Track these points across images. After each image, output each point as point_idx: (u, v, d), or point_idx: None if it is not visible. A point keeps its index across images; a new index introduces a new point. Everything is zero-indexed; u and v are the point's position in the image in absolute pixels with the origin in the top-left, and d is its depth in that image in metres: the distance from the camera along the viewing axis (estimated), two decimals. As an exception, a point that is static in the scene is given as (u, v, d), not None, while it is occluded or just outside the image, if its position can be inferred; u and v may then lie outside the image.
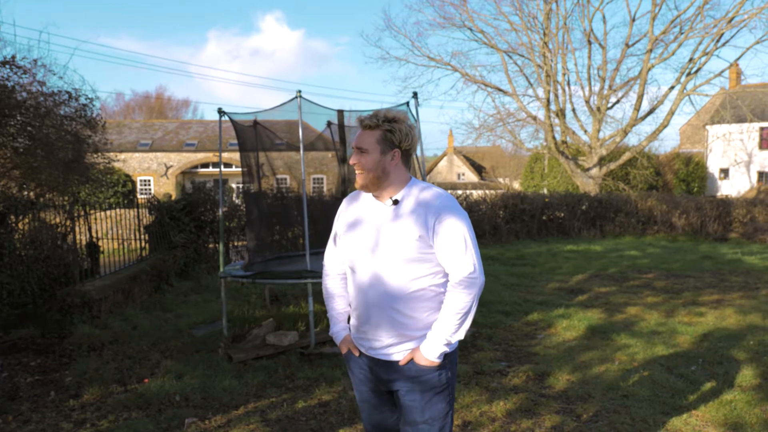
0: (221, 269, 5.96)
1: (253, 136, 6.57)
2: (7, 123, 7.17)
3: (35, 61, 7.28)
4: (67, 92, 7.59)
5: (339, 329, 2.29)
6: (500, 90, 22.64)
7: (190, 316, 6.56)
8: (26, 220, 7.82)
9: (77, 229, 8.83)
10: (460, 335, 2.05)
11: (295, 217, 7.15)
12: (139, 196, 29.76)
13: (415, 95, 5.61)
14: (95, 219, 9.69)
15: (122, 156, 28.74)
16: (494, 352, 5.25)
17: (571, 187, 24.27)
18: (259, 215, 6.22)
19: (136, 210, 9.20)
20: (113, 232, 9.68)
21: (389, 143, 2.05)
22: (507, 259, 10.95)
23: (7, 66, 7.00)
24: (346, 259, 2.18)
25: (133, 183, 30.78)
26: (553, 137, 21.87)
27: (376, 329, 2.09)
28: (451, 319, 2.00)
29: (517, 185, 35.44)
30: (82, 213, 9.15)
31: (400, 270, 2.01)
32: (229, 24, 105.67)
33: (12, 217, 7.49)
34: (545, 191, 24.43)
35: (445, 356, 2.06)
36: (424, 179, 5.96)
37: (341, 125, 6.09)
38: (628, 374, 4.59)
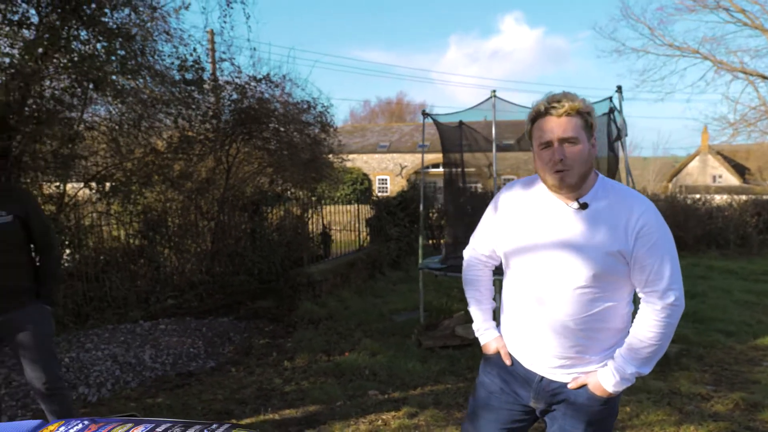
0: (420, 261, 6.38)
1: (458, 136, 6.86)
2: (264, 129, 8.64)
3: (284, 76, 8.65)
4: (307, 102, 8.83)
5: (487, 326, 2.02)
6: (766, 78, 19.33)
7: (394, 303, 7.13)
8: (274, 211, 9.33)
9: (313, 219, 10.19)
10: (650, 367, 1.76)
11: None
12: (377, 193, 32.48)
13: (619, 89, 5.28)
14: (328, 212, 11.07)
15: (353, 156, 31.58)
16: (701, 374, 4.70)
17: None
18: (456, 212, 6.48)
19: (360, 205, 10.26)
20: (344, 224, 10.93)
21: (590, 130, 1.72)
22: (749, 273, 9.44)
23: (263, 82, 8.43)
24: (513, 267, 1.87)
25: (370, 181, 33.70)
26: (841, 132, 17.93)
27: (545, 348, 1.80)
28: (642, 351, 1.71)
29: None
30: (318, 206, 10.51)
31: (588, 289, 1.70)
32: (469, 28, 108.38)
33: (264, 207, 9.01)
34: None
35: None
36: (628, 183, 5.55)
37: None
38: None
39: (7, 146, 5.31)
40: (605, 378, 1.75)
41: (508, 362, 1.91)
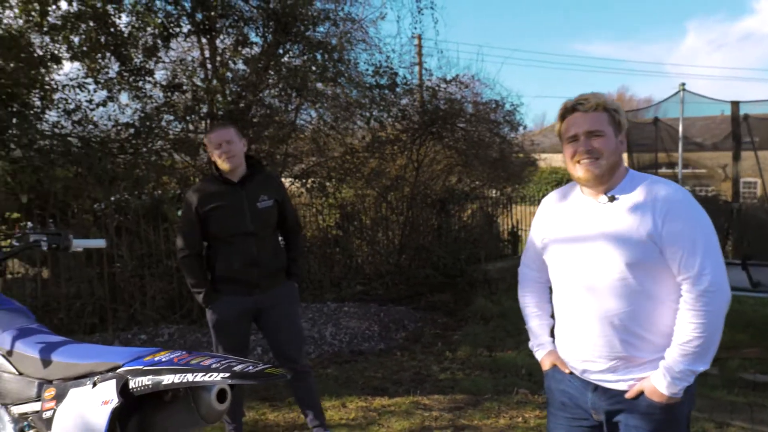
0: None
1: (652, 134, 6.36)
2: (454, 129, 8.95)
3: (472, 76, 8.86)
4: (495, 101, 8.91)
5: (542, 342, 2.05)
6: None
7: (573, 308, 6.85)
8: (464, 209, 9.59)
9: (503, 218, 10.22)
10: (704, 364, 1.67)
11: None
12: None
13: None
14: (527, 212, 10.97)
15: (560, 156, 30.13)
16: None
17: None
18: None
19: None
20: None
21: (618, 126, 1.77)
22: None
23: (453, 83, 8.73)
24: (554, 269, 1.91)
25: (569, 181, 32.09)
26: None
27: (594, 350, 1.78)
28: (688, 346, 1.64)
29: None
30: (508, 205, 10.50)
31: (626, 281, 1.69)
32: (712, 11, 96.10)
33: (451, 205, 9.32)
34: None
35: (685, 390, 1.71)
36: None
37: (735, 118, 5.22)
38: None
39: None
40: (657, 380, 1.69)
41: (566, 370, 1.90)
